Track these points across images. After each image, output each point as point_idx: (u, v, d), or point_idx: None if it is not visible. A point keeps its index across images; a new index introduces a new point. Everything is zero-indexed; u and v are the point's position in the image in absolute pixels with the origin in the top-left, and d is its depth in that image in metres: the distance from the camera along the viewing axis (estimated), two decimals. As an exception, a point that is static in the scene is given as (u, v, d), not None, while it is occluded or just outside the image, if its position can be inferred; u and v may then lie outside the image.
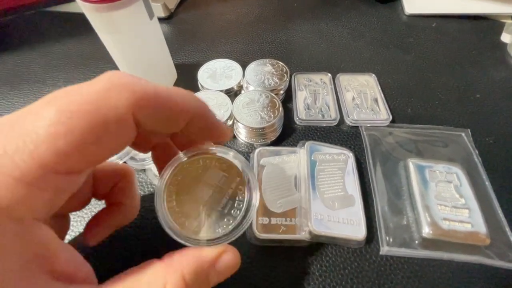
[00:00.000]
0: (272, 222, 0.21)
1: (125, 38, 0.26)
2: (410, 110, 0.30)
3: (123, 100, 0.11)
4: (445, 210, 0.22)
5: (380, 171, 0.25)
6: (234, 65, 0.32)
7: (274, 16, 0.43)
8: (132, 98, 0.11)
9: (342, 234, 0.21)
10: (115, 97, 0.11)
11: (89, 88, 0.11)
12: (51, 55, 0.37)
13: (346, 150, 0.26)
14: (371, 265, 0.21)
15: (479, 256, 0.20)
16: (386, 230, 0.22)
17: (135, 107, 0.11)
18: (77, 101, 0.11)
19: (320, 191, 0.23)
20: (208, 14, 0.44)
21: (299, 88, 0.32)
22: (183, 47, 0.38)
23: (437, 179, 0.23)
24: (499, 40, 0.37)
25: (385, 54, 0.36)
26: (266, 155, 0.25)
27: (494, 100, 0.31)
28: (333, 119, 0.29)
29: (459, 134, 0.27)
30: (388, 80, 0.33)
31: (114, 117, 0.11)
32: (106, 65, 0.35)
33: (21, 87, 0.33)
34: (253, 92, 0.29)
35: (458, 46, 0.37)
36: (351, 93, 0.31)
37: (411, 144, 0.26)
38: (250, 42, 0.39)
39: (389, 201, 0.23)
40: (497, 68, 0.34)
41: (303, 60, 0.36)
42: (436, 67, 0.35)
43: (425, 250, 0.21)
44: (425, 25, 0.40)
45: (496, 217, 0.22)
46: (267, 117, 0.26)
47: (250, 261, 0.21)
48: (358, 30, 0.40)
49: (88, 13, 0.24)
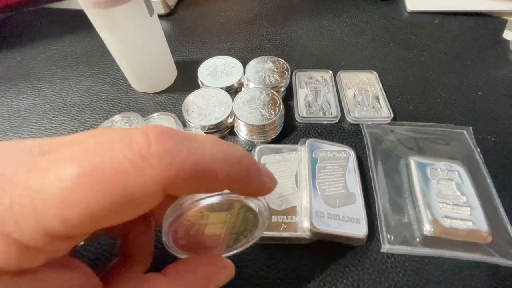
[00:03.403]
0: (272, 220, 0.21)
1: (124, 35, 0.26)
2: (411, 107, 0.30)
3: (156, 177, 0.09)
4: (447, 208, 0.21)
5: (381, 168, 0.25)
6: (235, 62, 0.32)
7: (275, 13, 0.43)
8: (166, 176, 0.09)
9: (343, 232, 0.21)
10: (149, 173, 0.09)
11: (122, 152, 0.09)
12: (50, 52, 0.37)
13: (347, 147, 0.25)
14: (372, 263, 0.21)
15: (481, 254, 0.20)
16: (387, 228, 0.22)
17: (168, 185, 0.09)
18: (105, 169, 0.09)
19: (321, 188, 0.22)
20: (208, 11, 0.43)
21: (300, 86, 0.31)
22: (183, 44, 0.38)
23: (438, 177, 0.23)
24: (502, 38, 0.37)
25: (386, 51, 0.36)
26: (266, 153, 0.25)
27: (496, 98, 0.31)
28: (334, 117, 0.29)
29: (460, 132, 0.27)
30: (390, 77, 0.33)
31: (141, 194, 0.09)
32: (106, 62, 0.35)
33: (20, 84, 0.33)
34: (253, 90, 0.28)
35: (460, 43, 0.37)
36: (352, 90, 0.31)
37: (412, 141, 0.26)
38: (250, 39, 0.38)
39: (390, 198, 0.23)
40: (499, 66, 0.34)
41: (304, 57, 0.36)
42: (437, 64, 0.34)
43: (426, 248, 0.21)
44: (427, 22, 0.40)
45: (497, 215, 0.22)
46: (267, 115, 0.26)
47: (250, 258, 0.21)
48: (359, 27, 0.40)
49: (87, 9, 0.24)
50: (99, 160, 0.09)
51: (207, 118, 0.26)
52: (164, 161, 0.09)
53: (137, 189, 0.09)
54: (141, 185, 0.09)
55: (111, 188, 0.09)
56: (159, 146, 0.09)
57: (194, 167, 0.10)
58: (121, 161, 0.09)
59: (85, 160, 0.09)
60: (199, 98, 0.28)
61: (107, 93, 0.32)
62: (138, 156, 0.09)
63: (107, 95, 0.32)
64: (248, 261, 0.21)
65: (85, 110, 0.31)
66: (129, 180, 0.09)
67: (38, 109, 0.31)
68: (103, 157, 0.09)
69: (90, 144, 0.09)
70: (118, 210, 0.09)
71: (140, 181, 0.09)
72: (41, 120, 0.30)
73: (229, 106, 0.27)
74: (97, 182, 0.09)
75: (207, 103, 0.28)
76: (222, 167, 0.10)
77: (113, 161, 0.09)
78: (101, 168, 0.09)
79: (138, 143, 0.09)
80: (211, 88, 0.29)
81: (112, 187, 0.09)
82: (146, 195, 0.09)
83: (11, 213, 0.08)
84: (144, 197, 0.09)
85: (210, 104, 0.27)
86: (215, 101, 0.28)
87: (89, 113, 0.30)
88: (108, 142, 0.09)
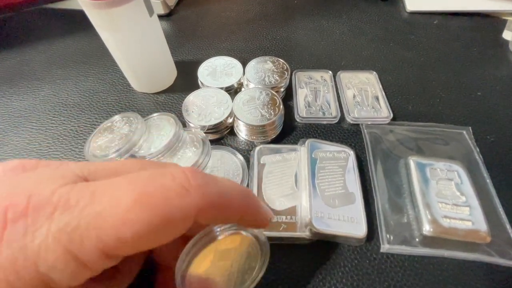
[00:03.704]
0: (272, 220, 0.21)
1: (124, 36, 0.26)
2: (411, 107, 0.30)
3: (194, 203, 0.12)
4: (446, 208, 0.21)
5: (381, 169, 0.25)
6: (234, 62, 0.32)
7: (274, 13, 0.43)
8: (201, 203, 0.12)
9: (343, 232, 0.21)
10: (188, 200, 0.11)
11: (168, 183, 0.12)
12: (51, 52, 0.37)
13: (347, 147, 0.25)
14: (371, 263, 0.21)
15: (480, 254, 0.20)
16: (386, 228, 0.22)
17: (200, 211, 0.12)
18: (156, 195, 0.11)
19: (321, 188, 0.23)
20: (208, 11, 0.43)
21: (300, 86, 0.31)
22: (183, 45, 0.38)
23: (437, 177, 0.23)
24: (501, 38, 0.37)
25: (386, 51, 0.36)
26: (266, 153, 0.25)
27: (496, 98, 0.31)
28: (334, 117, 0.29)
29: (460, 132, 0.27)
30: (389, 77, 0.33)
31: (181, 217, 0.11)
32: (106, 63, 0.35)
33: (20, 85, 0.33)
34: (253, 90, 0.28)
35: (460, 43, 0.37)
36: (352, 90, 0.31)
37: (412, 142, 0.26)
38: (250, 39, 0.38)
39: (390, 199, 0.23)
40: (499, 66, 0.34)
41: (303, 57, 0.36)
42: (437, 64, 0.34)
43: (425, 247, 0.21)
44: (427, 22, 0.40)
45: (496, 215, 0.22)
46: (267, 115, 0.26)
47: (250, 258, 0.21)
48: (359, 27, 0.40)
49: (87, 10, 0.24)
50: (152, 187, 0.11)
51: (206, 118, 0.26)
52: (200, 192, 0.12)
53: (178, 212, 0.11)
54: (181, 209, 0.11)
55: (160, 211, 0.11)
56: (196, 181, 0.12)
57: (219, 198, 0.13)
58: (168, 190, 0.11)
59: (140, 186, 0.11)
60: (199, 98, 0.28)
61: (107, 93, 0.32)
62: (180, 187, 0.12)
63: (107, 95, 0.32)
64: (248, 261, 0.21)
65: (85, 110, 0.31)
66: (173, 204, 0.11)
67: (38, 109, 0.31)
68: (154, 185, 0.11)
69: (141, 175, 0.12)
70: (163, 230, 0.11)
71: (181, 206, 0.11)
72: (41, 120, 0.30)
73: (228, 106, 0.27)
74: (149, 206, 0.11)
75: (207, 103, 0.28)
76: (237, 197, 0.14)
77: (162, 190, 0.11)
78: (153, 194, 0.11)
79: (180, 178, 0.12)
80: (211, 88, 0.29)
81: (160, 209, 0.11)
82: (185, 217, 0.11)
83: (78, 231, 0.10)
84: (183, 219, 0.11)
85: (210, 104, 0.28)
86: (214, 101, 0.28)
87: (89, 113, 0.30)
88: (154, 176, 0.12)
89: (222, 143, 0.28)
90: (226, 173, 0.24)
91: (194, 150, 0.24)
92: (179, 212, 0.11)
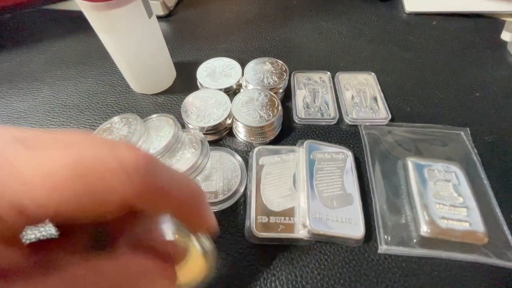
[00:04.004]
0: (271, 221, 0.22)
1: (123, 37, 0.26)
2: (409, 108, 0.30)
3: (128, 190, 0.11)
4: (444, 209, 0.22)
5: (379, 170, 0.25)
6: (233, 63, 0.32)
7: (273, 14, 0.43)
8: (137, 192, 0.11)
9: (341, 233, 0.21)
10: (125, 186, 0.11)
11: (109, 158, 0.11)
12: (50, 53, 0.37)
13: (345, 149, 0.26)
14: (369, 264, 0.21)
15: (477, 255, 0.20)
16: (384, 228, 0.22)
17: (136, 199, 0.11)
18: (92, 167, 0.11)
19: (319, 190, 0.23)
20: (207, 12, 0.44)
21: (299, 87, 0.31)
22: (182, 46, 0.38)
23: (435, 178, 0.23)
24: (499, 39, 0.37)
25: (384, 52, 0.36)
26: (265, 154, 0.25)
27: (494, 99, 0.31)
28: (332, 118, 0.29)
29: (458, 133, 0.27)
30: (388, 78, 0.33)
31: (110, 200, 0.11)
32: (105, 64, 0.35)
33: (20, 86, 0.33)
34: (252, 91, 0.28)
35: (458, 44, 0.37)
36: (350, 91, 0.31)
37: (410, 143, 0.26)
38: (249, 40, 0.39)
39: (388, 200, 0.23)
40: (497, 67, 0.34)
41: (302, 58, 0.36)
42: (435, 65, 0.34)
43: (423, 248, 0.21)
44: (425, 23, 0.40)
45: (494, 216, 0.22)
46: (266, 116, 0.26)
47: (249, 259, 0.21)
48: (357, 28, 0.40)
49: (87, 11, 0.24)
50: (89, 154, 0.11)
51: (205, 120, 0.27)
52: (141, 180, 0.11)
53: (109, 194, 0.11)
54: (115, 191, 0.11)
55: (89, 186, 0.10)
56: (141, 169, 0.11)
57: (162, 190, 0.12)
58: (106, 165, 0.11)
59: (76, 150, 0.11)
60: (197, 100, 0.28)
61: (106, 94, 0.32)
62: (121, 168, 0.11)
63: (106, 97, 0.32)
64: (246, 262, 0.21)
65: (84, 112, 0.31)
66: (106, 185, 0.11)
67: (38, 110, 0.31)
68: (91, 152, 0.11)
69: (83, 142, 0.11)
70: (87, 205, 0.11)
71: (115, 189, 0.11)
72: (41, 121, 0.30)
73: (227, 107, 0.27)
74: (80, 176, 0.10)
75: (205, 104, 0.28)
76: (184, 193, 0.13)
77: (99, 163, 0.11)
78: (88, 166, 0.10)
79: (126, 160, 0.11)
80: (209, 89, 0.30)
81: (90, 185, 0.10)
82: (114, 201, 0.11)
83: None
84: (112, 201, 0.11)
85: (208, 106, 0.28)
86: (213, 103, 0.28)
87: (88, 114, 0.30)
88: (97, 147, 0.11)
89: (221, 144, 0.28)
90: (224, 174, 0.24)
91: (193, 151, 0.24)
92: (110, 193, 0.11)
